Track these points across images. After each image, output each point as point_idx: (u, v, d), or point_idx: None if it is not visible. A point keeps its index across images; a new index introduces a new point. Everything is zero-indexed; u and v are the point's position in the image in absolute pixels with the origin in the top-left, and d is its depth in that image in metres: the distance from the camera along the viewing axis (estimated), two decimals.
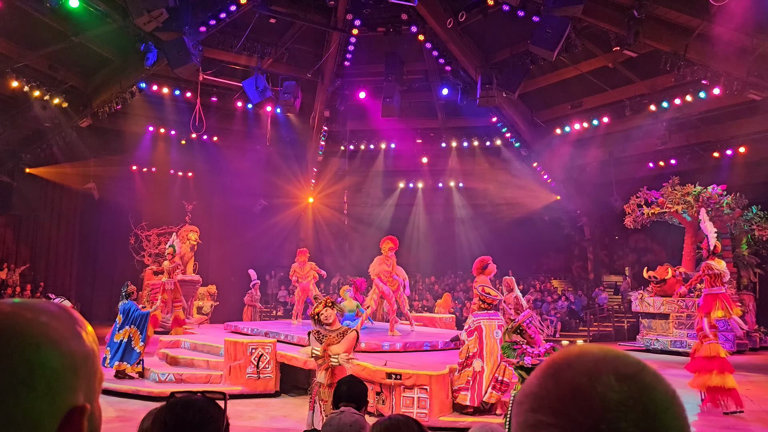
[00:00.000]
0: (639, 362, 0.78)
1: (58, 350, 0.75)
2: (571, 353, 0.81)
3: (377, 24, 17.78)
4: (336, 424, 3.00)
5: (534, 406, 0.77)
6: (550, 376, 0.78)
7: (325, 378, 5.70)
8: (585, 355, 0.79)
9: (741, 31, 12.68)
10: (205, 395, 1.89)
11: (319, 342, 5.84)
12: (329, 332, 5.93)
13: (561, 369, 0.78)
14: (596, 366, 0.76)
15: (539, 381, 0.80)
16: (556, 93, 19.31)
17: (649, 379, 0.76)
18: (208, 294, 20.07)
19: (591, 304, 21.30)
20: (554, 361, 0.81)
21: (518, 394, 0.82)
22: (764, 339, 16.88)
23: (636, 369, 0.76)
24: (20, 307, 0.77)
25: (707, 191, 16.80)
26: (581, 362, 0.77)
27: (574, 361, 0.78)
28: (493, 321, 8.66)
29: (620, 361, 0.77)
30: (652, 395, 0.74)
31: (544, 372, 0.80)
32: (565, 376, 0.77)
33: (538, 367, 0.83)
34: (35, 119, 16.93)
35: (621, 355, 0.78)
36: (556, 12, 13.08)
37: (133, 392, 9.85)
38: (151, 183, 22.47)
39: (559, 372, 0.78)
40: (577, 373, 0.76)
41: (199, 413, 1.83)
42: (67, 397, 0.74)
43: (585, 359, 0.78)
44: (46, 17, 14.31)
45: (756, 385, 10.90)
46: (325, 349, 5.72)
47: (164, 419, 1.85)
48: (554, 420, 0.74)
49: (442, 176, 24.24)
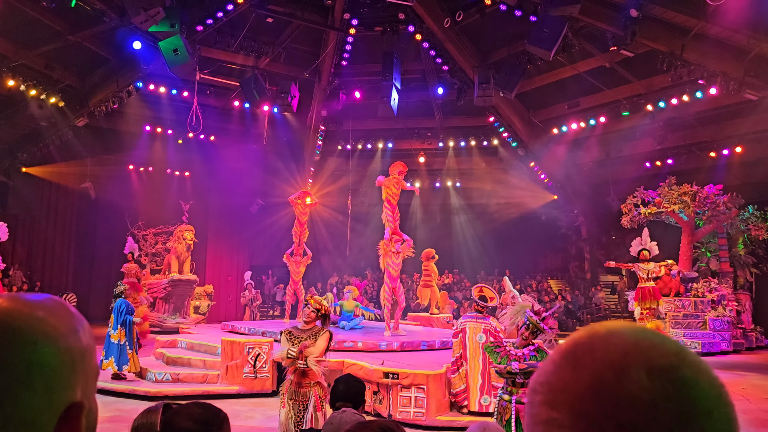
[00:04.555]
0: (678, 351, 0.65)
1: (56, 347, 0.74)
2: (597, 335, 0.68)
3: (374, 23, 17.78)
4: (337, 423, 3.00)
5: (548, 398, 0.66)
6: (569, 365, 0.66)
7: (295, 378, 5.68)
8: (612, 340, 0.66)
9: (738, 31, 12.72)
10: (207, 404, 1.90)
11: (290, 343, 5.74)
12: (302, 332, 5.82)
13: (582, 356, 0.66)
14: (624, 356, 0.64)
15: (556, 368, 0.68)
16: (553, 93, 19.32)
17: (688, 374, 0.63)
18: (205, 294, 20.04)
19: (588, 303, 21.34)
20: (576, 343, 0.69)
21: (533, 378, 0.71)
22: (760, 338, 16.93)
23: (674, 360, 0.63)
24: (16, 301, 0.76)
25: (704, 191, 16.85)
26: (607, 349, 0.65)
27: (599, 347, 0.66)
28: (479, 324, 8.65)
29: (655, 351, 0.64)
30: (691, 394, 0.61)
31: (562, 357, 0.68)
32: (586, 366, 0.65)
33: (557, 348, 0.71)
34: (31, 118, 16.89)
35: (656, 342, 0.65)
36: (554, 12, 13.09)
37: (130, 392, 9.83)
38: (147, 182, 22.42)
39: (580, 360, 0.66)
40: (601, 364, 0.64)
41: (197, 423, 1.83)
42: (65, 393, 0.74)
43: (612, 346, 0.65)
44: (42, 16, 14.28)
45: (752, 385, 10.92)
46: (301, 350, 5.63)
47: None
48: (570, 421, 0.63)
49: (439, 176, 24.26)
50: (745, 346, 16.05)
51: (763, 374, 12.22)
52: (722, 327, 15.46)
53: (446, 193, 24.89)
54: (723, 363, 13.33)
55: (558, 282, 23.86)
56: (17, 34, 14.99)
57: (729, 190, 16.83)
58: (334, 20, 17.74)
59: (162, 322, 17.39)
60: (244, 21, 16.68)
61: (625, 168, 20.31)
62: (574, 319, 20.60)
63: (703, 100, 15.99)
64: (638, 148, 19.49)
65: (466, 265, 24.00)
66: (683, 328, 15.71)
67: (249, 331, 13.06)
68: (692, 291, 16.53)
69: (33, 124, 17.50)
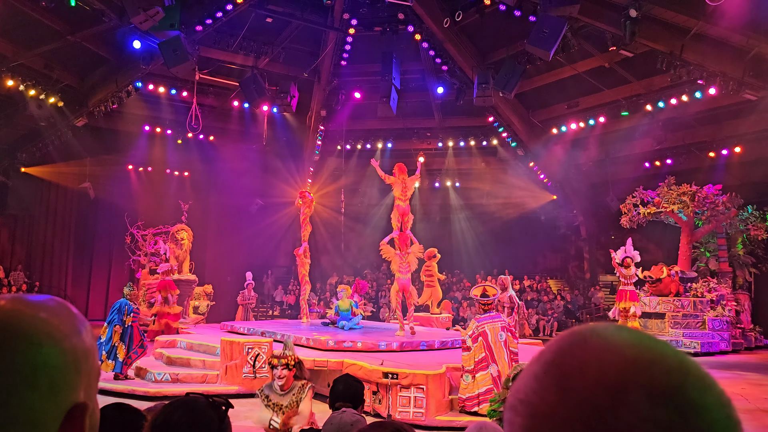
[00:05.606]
0: (682, 366, 0.56)
1: (60, 348, 0.74)
2: (588, 345, 0.57)
3: (374, 23, 17.78)
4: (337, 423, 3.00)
5: (529, 424, 0.56)
6: (555, 385, 0.56)
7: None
8: (606, 355, 0.55)
9: (737, 31, 12.73)
10: (210, 399, 1.85)
11: (271, 411, 5.09)
12: (281, 398, 5.14)
13: (571, 374, 0.55)
14: (621, 376, 0.53)
15: (539, 386, 0.57)
16: (552, 93, 19.33)
17: (694, 395, 0.54)
18: (204, 294, 20.02)
19: (587, 303, 21.35)
20: (563, 355, 0.58)
21: (511, 394, 0.61)
22: (759, 338, 16.94)
23: (678, 380, 0.54)
24: (19, 303, 0.76)
25: (703, 191, 16.86)
26: (601, 367, 0.55)
27: (591, 363, 0.55)
28: (495, 323, 8.61)
29: (656, 368, 0.54)
30: (698, 423, 0.53)
31: (546, 372, 0.57)
32: (575, 387, 0.54)
33: (541, 356, 0.60)
34: (31, 118, 16.88)
35: (657, 356, 0.56)
36: (553, 12, 13.09)
37: (129, 392, 9.82)
38: (147, 182, 22.42)
39: (569, 379, 0.55)
40: (594, 385, 0.53)
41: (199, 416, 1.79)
42: (68, 395, 0.74)
43: (606, 362, 0.55)
44: (42, 16, 14.27)
45: (751, 385, 10.93)
46: (285, 422, 4.96)
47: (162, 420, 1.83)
48: None
49: (438, 176, 24.25)
50: (744, 346, 16.05)
51: (762, 374, 12.23)
52: (721, 327, 15.47)
53: (446, 193, 24.91)
54: (722, 363, 13.34)
55: (557, 282, 23.87)
56: (16, 34, 14.99)
57: (728, 190, 16.84)
58: (334, 20, 17.74)
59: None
60: (243, 21, 16.68)
61: (625, 168, 20.32)
62: (573, 319, 20.61)
63: (702, 100, 16.01)
64: (637, 148, 19.50)
65: (465, 265, 24.01)
66: (682, 328, 15.72)
67: (248, 331, 13.06)
68: (691, 291, 16.53)
69: (32, 124, 17.49)
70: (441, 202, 25.06)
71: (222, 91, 19.33)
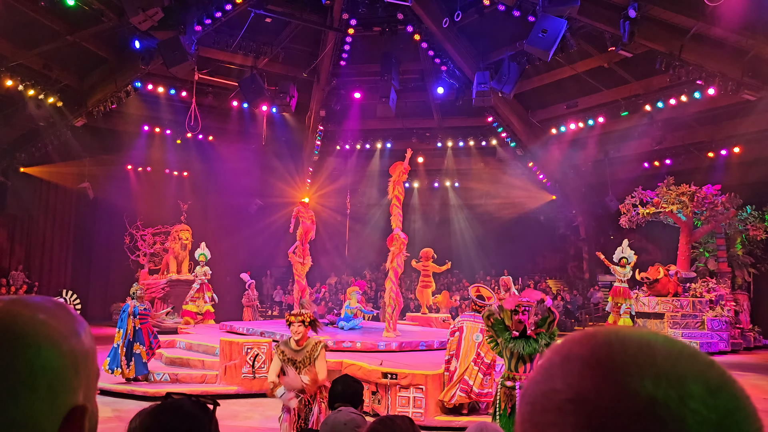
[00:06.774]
0: (716, 363, 0.59)
1: (58, 350, 0.73)
2: (627, 343, 0.57)
3: (373, 23, 17.78)
4: (331, 422, 3.00)
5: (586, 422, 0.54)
6: (609, 378, 0.55)
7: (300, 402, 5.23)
8: (651, 350, 0.56)
9: (736, 31, 12.73)
10: (194, 399, 1.81)
11: (288, 365, 5.27)
12: (296, 353, 5.35)
13: (621, 370, 0.55)
14: (676, 368, 0.55)
15: (591, 382, 0.56)
16: (551, 93, 19.34)
17: (738, 393, 0.57)
18: None
19: (586, 303, 21.36)
20: (608, 347, 0.57)
21: (545, 395, 0.58)
22: (758, 338, 16.95)
23: (721, 371, 0.58)
24: (17, 304, 0.76)
25: (702, 191, 16.87)
26: (654, 360, 0.55)
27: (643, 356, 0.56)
28: (476, 323, 8.57)
29: (699, 360, 0.57)
30: (750, 408, 0.56)
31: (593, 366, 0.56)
32: (631, 383, 0.54)
33: (572, 353, 0.59)
34: (30, 118, 16.86)
35: (693, 353, 0.58)
36: (552, 12, 13.10)
37: (128, 392, 9.82)
38: (146, 182, 22.40)
39: (620, 374, 0.55)
40: (656, 378, 0.54)
41: (186, 419, 1.75)
42: (67, 397, 0.73)
43: (656, 356, 0.56)
44: (41, 16, 14.26)
45: (750, 385, 10.93)
46: (313, 380, 5.21)
47: (149, 425, 1.79)
48: None
49: (438, 176, 24.26)
50: (743, 346, 16.06)
51: (761, 374, 12.24)
52: (720, 327, 15.47)
53: (445, 193, 24.91)
54: (721, 363, 13.23)
55: (556, 282, 23.88)
56: (15, 34, 14.97)
57: (727, 191, 16.85)
58: (333, 20, 17.73)
59: (160, 323, 17.35)
60: (242, 21, 16.68)
61: (624, 168, 20.33)
62: (573, 318, 20.63)
63: (701, 100, 16.02)
64: (636, 149, 19.51)
65: (465, 265, 24.02)
66: (681, 328, 15.71)
67: (247, 331, 13.06)
68: (690, 291, 16.54)
69: (31, 124, 17.46)
70: (440, 202, 25.07)
71: (221, 91, 19.32)
